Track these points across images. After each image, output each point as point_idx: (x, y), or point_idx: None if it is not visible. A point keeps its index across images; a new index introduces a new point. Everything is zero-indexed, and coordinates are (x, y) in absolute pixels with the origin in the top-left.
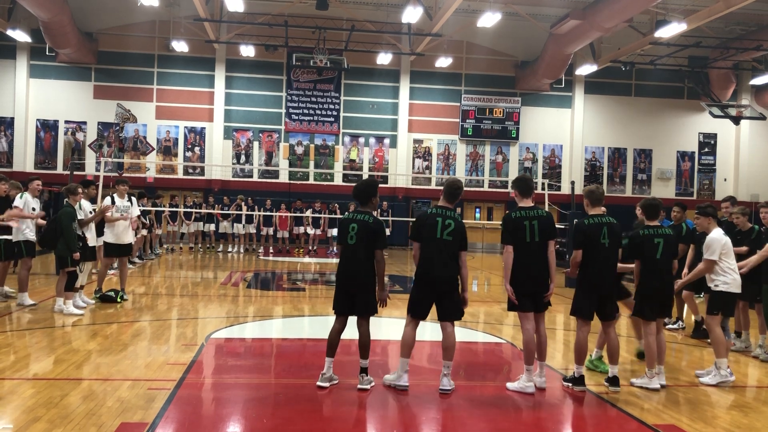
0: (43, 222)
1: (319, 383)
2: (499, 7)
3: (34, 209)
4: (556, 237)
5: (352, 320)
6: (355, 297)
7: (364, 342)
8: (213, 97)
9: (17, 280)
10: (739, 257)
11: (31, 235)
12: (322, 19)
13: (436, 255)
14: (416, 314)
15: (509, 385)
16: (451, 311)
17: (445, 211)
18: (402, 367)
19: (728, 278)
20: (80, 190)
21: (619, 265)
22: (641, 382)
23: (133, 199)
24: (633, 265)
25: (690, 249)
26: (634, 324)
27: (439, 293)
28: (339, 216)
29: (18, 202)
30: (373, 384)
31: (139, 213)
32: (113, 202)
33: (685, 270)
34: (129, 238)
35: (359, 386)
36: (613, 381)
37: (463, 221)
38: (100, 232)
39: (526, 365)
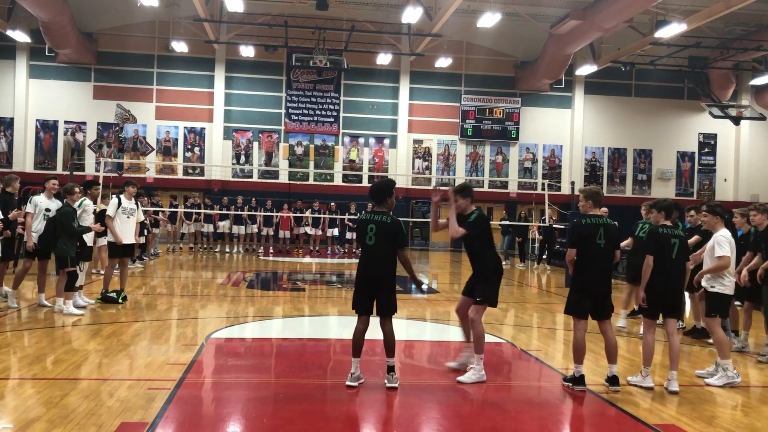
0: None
1: (348, 383)
2: (499, 8)
3: None
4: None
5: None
6: (376, 297)
7: (389, 341)
8: (213, 98)
9: None
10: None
11: None
12: (322, 19)
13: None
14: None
15: (461, 378)
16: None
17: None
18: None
19: (725, 280)
20: (77, 189)
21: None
22: (636, 380)
23: (140, 202)
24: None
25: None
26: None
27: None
28: (339, 216)
29: None
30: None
31: (144, 218)
32: (120, 204)
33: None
34: (132, 238)
35: (388, 385)
36: (613, 380)
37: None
38: (99, 234)
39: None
